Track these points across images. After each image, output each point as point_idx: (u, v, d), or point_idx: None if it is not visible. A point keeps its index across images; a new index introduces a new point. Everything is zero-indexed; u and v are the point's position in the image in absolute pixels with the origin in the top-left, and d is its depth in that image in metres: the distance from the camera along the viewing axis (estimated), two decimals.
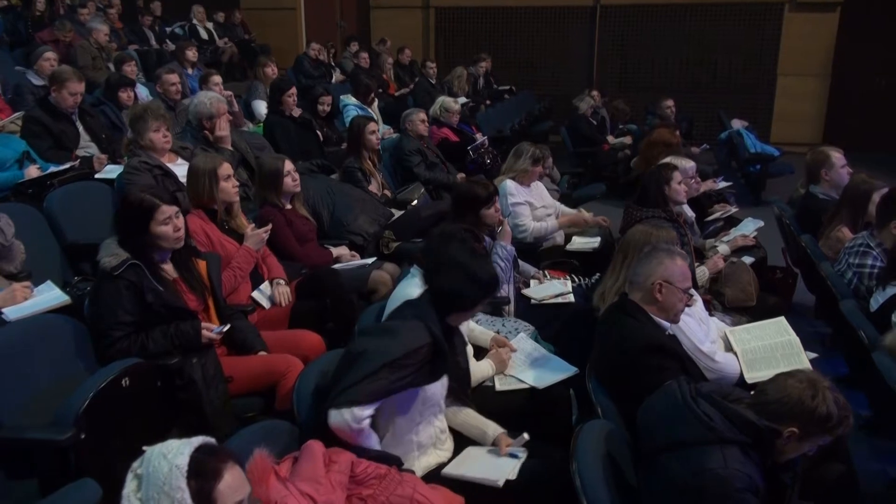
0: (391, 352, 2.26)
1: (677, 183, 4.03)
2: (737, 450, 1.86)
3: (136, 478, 1.55)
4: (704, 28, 10.77)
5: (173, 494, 1.48)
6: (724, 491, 1.82)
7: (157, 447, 1.58)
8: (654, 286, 2.57)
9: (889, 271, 3.10)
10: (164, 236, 2.78)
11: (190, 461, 1.51)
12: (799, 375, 1.94)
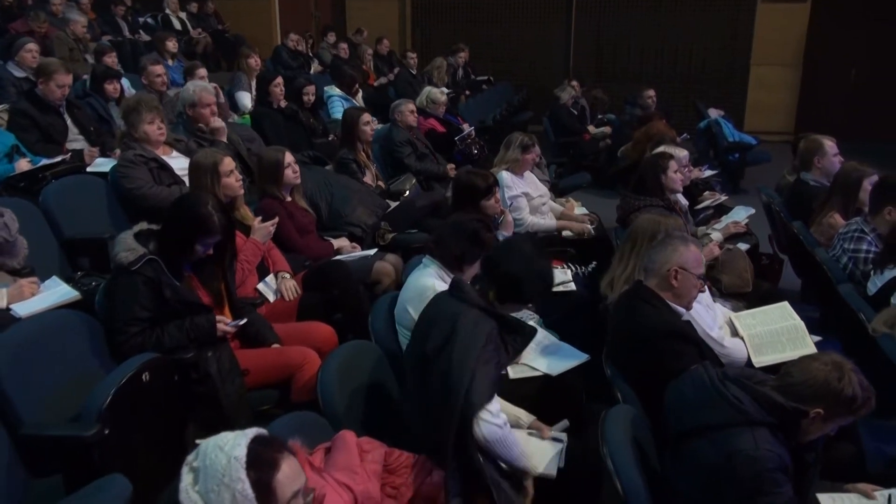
0: (472, 348, 2.28)
1: (673, 172, 4.10)
2: (766, 431, 1.92)
3: (192, 471, 1.55)
4: (679, 18, 10.88)
5: (233, 486, 1.49)
6: (755, 471, 1.88)
7: (211, 440, 1.58)
8: (669, 273, 2.62)
9: (886, 255, 3.19)
10: (197, 254, 2.79)
11: (248, 452, 1.52)
12: (824, 358, 2.01)
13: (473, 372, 2.24)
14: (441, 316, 2.42)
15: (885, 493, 2.21)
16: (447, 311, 2.40)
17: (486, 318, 2.37)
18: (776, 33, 10.56)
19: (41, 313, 2.71)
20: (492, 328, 2.36)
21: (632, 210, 4.08)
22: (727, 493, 1.91)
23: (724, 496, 1.91)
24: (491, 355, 2.32)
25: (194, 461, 1.56)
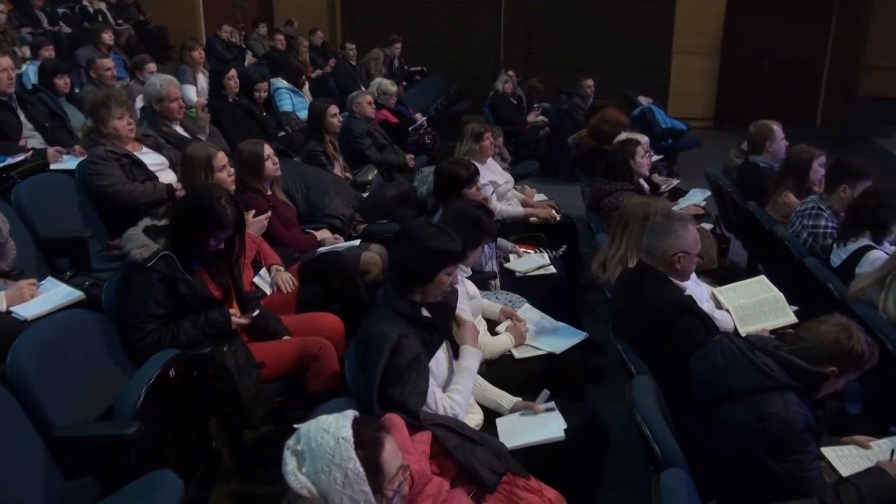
0: (377, 368, 2.31)
1: (641, 157, 4.32)
2: (793, 395, 2.10)
3: (296, 454, 1.60)
4: (604, 8, 11.23)
5: (345, 465, 1.55)
6: (787, 432, 2.06)
7: (310, 424, 1.63)
8: (674, 258, 2.78)
9: (848, 229, 3.48)
10: (210, 249, 2.78)
11: (354, 433, 1.58)
12: (831, 321, 2.20)
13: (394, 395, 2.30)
14: (366, 323, 2.51)
15: (880, 444, 2.44)
16: (369, 320, 2.49)
17: (391, 330, 2.36)
18: (695, 23, 11.07)
19: (53, 314, 2.65)
20: (393, 340, 2.33)
21: (603, 195, 4.26)
22: (759, 452, 2.07)
23: (756, 456, 2.08)
24: (406, 365, 2.34)
25: (297, 445, 1.61)
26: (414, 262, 2.45)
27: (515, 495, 2.31)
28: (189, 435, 2.67)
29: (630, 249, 3.23)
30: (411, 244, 2.48)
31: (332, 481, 1.55)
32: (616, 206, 4.12)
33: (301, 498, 1.56)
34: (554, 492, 2.35)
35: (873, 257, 3.30)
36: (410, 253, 2.46)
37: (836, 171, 3.84)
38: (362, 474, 1.55)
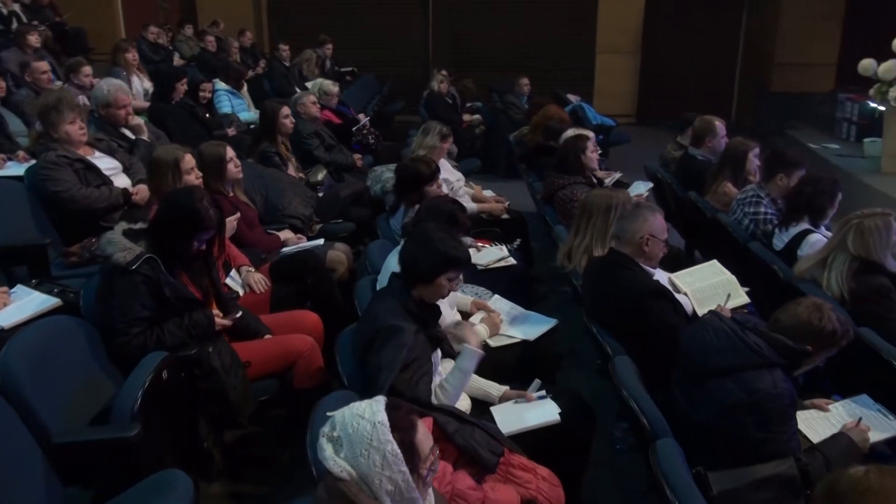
0: (397, 358, 2.39)
1: (591, 151, 4.50)
2: (780, 371, 2.28)
3: (332, 441, 1.66)
4: (529, 9, 11.50)
5: (383, 448, 1.61)
6: (776, 406, 2.23)
7: (344, 411, 1.69)
8: (641, 241, 2.95)
9: (789, 215, 3.74)
10: (192, 249, 2.77)
11: (388, 417, 1.65)
12: (805, 302, 2.40)
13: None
14: (368, 315, 2.59)
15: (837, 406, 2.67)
16: (375, 311, 2.55)
17: (406, 323, 2.46)
18: (616, 23, 11.47)
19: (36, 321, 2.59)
20: (411, 332, 2.44)
21: (557, 189, 4.43)
22: (747, 425, 2.23)
23: (743, 427, 2.23)
24: (417, 356, 2.45)
25: (332, 432, 1.67)
26: (420, 262, 2.54)
27: (511, 474, 2.41)
28: (181, 436, 2.67)
29: (595, 239, 3.39)
30: (421, 244, 2.56)
31: (371, 464, 1.61)
32: (571, 199, 4.31)
33: (341, 481, 1.62)
34: (546, 470, 2.47)
35: (813, 240, 3.57)
36: (418, 252, 2.55)
37: (772, 161, 4.11)
38: (400, 456, 1.62)
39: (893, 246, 3.06)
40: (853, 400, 2.73)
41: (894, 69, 6.39)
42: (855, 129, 8.25)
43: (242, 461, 3.08)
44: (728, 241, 4.11)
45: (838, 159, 7.50)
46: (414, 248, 2.57)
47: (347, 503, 1.61)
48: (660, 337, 2.76)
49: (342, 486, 1.62)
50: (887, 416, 2.63)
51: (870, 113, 7.81)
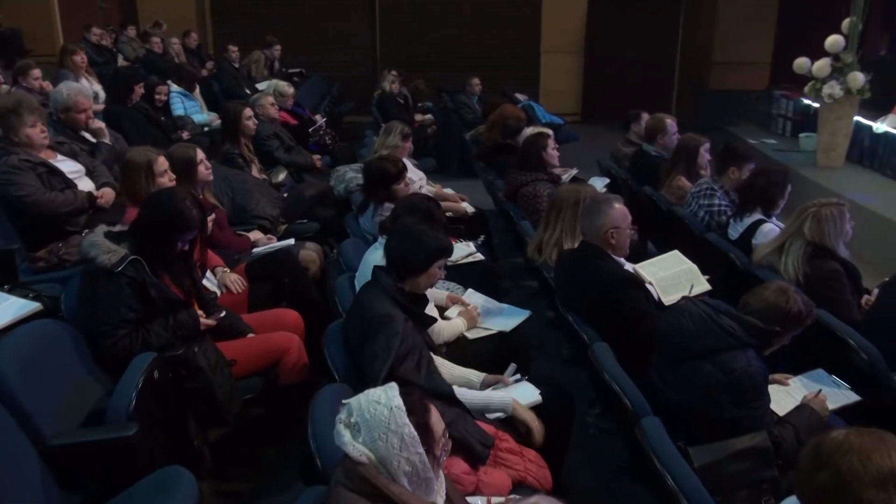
0: (391, 345, 2.45)
1: (552, 148, 4.64)
2: (753, 351, 2.42)
3: (349, 427, 1.72)
4: (476, 10, 11.64)
5: (401, 430, 1.69)
6: (751, 384, 2.38)
7: (359, 398, 1.76)
8: (607, 234, 3.09)
9: (742, 206, 3.95)
10: (176, 249, 2.79)
11: (403, 401, 1.73)
12: (772, 287, 2.56)
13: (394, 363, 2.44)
14: (360, 307, 2.64)
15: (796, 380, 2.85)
16: (365, 302, 2.61)
17: (396, 311, 2.53)
18: (560, 24, 11.71)
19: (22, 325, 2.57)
20: (401, 320, 2.52)
21: (520, 185, 4.55)
22: (724, 402, 2.37)
23: (721, 405, 2.37)
24: (411, 344, 2.53)
25: (349, 418, 1.73)
26: (411, 255, 2.61)
27: (501, 458, 2.51)
28: (171, 435, 2.68)
29: (564, 232, 3.52)
30: (409, 238, 2.63)
31: (389, 447, 1.69)
32: (534, 195, 4.44)
33: (360, 465, 1.69)
34: (533, 452, 2.58)
35: (766, 229, 3.78)
36: (408, 246, 2.62)
37: (725, 155, 4.33)
38: (416, 437, 1.70)
39: (845, 234, 3.27)
40: (809, 374, 2.92)
41: (827, 67, 6.73)
42: (790, 125, 8.63)
43: (227, 460, 3.10)
44: (685, 232, 4.30)
45: (776, 154, 7.84)
46: (404, 242, 2.64)
47: (367, 485, 1.68)
48: (633, 323, 2.90)
49: (361, 470, 1.69)
50: (841, 388, 2.83)
51: (804, 109, 8.20)
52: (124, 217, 3.26)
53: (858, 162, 7.13)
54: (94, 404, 2.58)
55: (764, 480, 2.33)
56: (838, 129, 6.94)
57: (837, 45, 6.66)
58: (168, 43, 9.35)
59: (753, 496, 2.32)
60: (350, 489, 1.69)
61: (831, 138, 6.99)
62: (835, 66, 6.71)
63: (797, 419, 2.51)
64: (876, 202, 5.92)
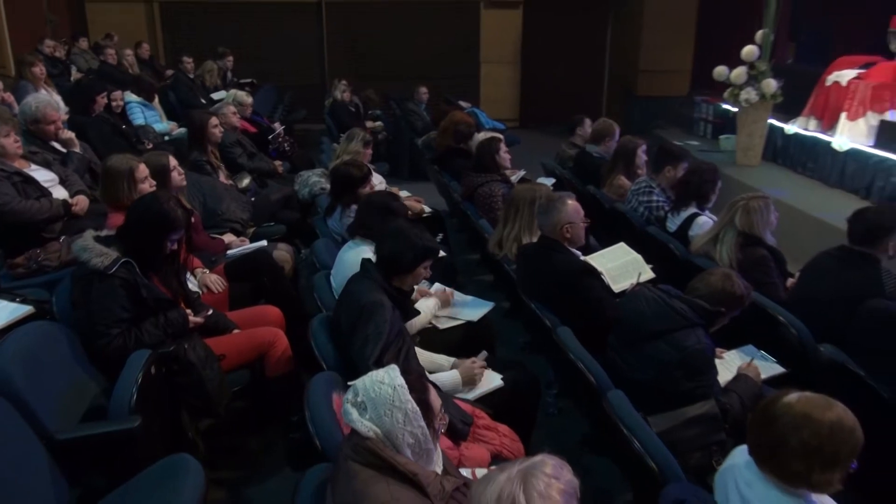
0: (382, 330, 2.56)
1: (503, 152, 4.77)
2: (701, 330, 2.58)
3: (356, 406, 1.80)
4: (420, 23, 11.73)
5: (404, 406, 1.78)
6: (701, 359, 2.54)
7: (364, 379, 1.84)
8: (562, 229, 3.23)
9: (679, 201, 4.15)
10: (165, 250, 2.79)
11: (405, 380, 1.81)
12: (717, 272, 2.73)
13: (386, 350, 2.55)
14: (350, 297, 2.71)
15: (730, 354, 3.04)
16: (356, 293, 2.68)
17: (385, 299, 2.63)
18: (497, 36, 11.91)
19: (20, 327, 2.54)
20: (389, 308, 2.62)
21: (476, 186, 4.67)
22: (678, 378, 2.52)
23: (675, 380, 2.53)
24: (399, 329, 2.65)
25: (356, 398, 1.81)
26: (402, 255, 2.70)
27: (479, 434, 2.62)
28: (167, 427, 2.70)
29: (522, 228, 3.65)
30: (400, 240, 2.71)
31: (394, 422, 1.77)
32: (490, 195, 4.57)
33: (367, 440, 1.77)
34: (506, 427, 2.70)
35: (701, 222, 3.99)
36: (398, 247, 2.70)
37: (661, 155, 4.54)
38: (418, 412, 1.79)
39: (771, 224, 3.49)
40: (741, 349, 3.12)
41: (744, 75, 7.07)
42: (711, 128, 8.99)
43: (215, 449, 3.12)
44: (627, 226, 4.49)
45: (700, 154, 8.15)
46: (394, 244, 2.72)
47: (375, 458, 1.76)
48: (591, 309, 3.05)
49: (369, 444, 1.77)
50: (768, 361, 3.03)
51: (723, 113, 8.56)
52: (108, 222, 3.26)
53: (773, 160, 7.51)
54: (91, 401, 2.58)
55: (714, 443, 2.49)
56: (754, 130, 7.30)
57: (752, 55, 7.01)
58: (122, 54, 9.14)
59: (705, 457, 2.48)
60: (359, 462, 1.77)
61: (748, 139, 7.34)
62: (750, 73, 7.06)
63: (739, 387, 2.68)
64: (789, 196, 6.26)
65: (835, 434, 1.64)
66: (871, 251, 3.11)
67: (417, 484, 1.75)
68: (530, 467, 1.37)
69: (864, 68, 6.64)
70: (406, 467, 1.75)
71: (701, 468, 2.43)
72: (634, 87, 11.22)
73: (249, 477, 3.08)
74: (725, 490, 1.87)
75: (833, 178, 6.49)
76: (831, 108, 6.77)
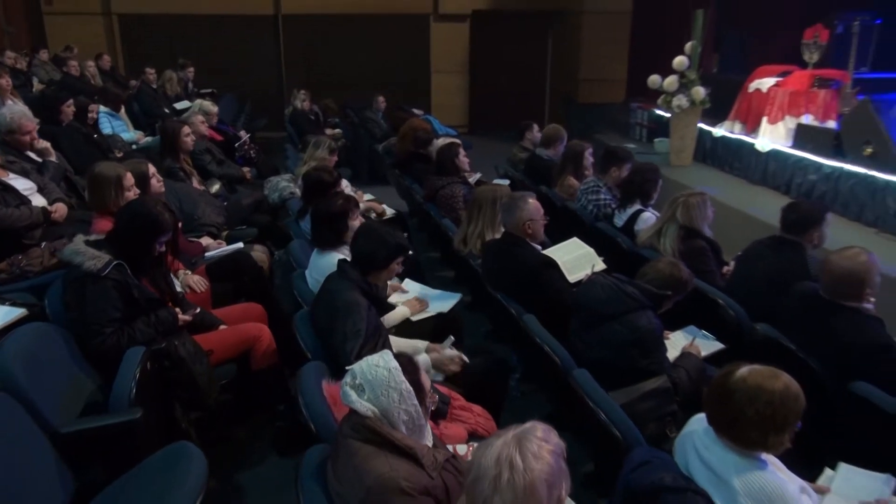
0: (360, 327, 2.64)
1: (462, 156, 4.88)
2: (651, 312, 2.73)
3: (355, 388, 1.88)
4: (372, 35, 11.75)
5: (400, 387, 1.86)
6: (652, 338, 2.69)
7: (360, 364, 1.92)
8: (524, 226, 3.36)
9: (624, 199, 4.33)
10: (155, 252, 2.80)
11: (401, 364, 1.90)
12: (664, 260, 2.89)
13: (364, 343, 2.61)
14: (327, 295, 2.78)
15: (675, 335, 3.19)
16: (332, 292, 2.75)
17: (361, 298, 2.70)
18: (447, 48, 12.03)
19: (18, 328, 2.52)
20: (365, 306, 2.70)
21: (438, 188, 4.77)
22: (633, 355, 2.67)
23: (630, 358, 2.67)
24: (376, 324, 2.73)
25: (354, 381, 1.89)
26: (376, 253, 2.78)
27: (455, 415, 2.71)
28: (161, 419, 2.71)
29: (485, 226, 3.76)
30: (375, 239, 2.79)
31: (390, 401, 1.85)
32: (452, 196, 4.67)
33: (366, 419, 1.85)
34: (479, 407, 2.79)
35: (645, 217, 4.17)
36: (373, 246, 2.78)
37: (607, 157, 4.71)
38: (412, 392, 1.88)
39: (708, 217, 3.68)
40: (684, 329, 3.28)
41: (675, 83, 7.34)
42: (646, 132, 9.27)
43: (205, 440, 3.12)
44: (578, 223, 4.64)
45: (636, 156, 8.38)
46: (370, 243, 2.80)
47: (373, 434, 1.84)
48: (553, 298, 3.17)
49: (368, 422, 1.85)
50: (710, 339, 3.20)
51: (657, 118, 8.85)
52: (94, 227, 3.24)
53: (703, 161, 7.80)
54: (88, 397, 2.59)
55: (667, 414, 2.64)
56: (686, 134, 7.58)
57: (683, 65, 7.28)
58: (84, 66, 8.92)
59: (659, 427, 2.63)
60: (359, 440, 1.85)
61: (681, 142, 7.62)
62: (681, 81, 7.33)
63: (685, 363, 2.84)
64: (719, 193, 6.52)
65: (784, 401, 1.78)
66: (799, 240, 3.32)
67: (413, 456, 1.83)
68: (524, 432, 1.47)
69: (781, 76, 6.98)
70: (402, 441, 1.84)
71: (656, 437, 2.57)
72: (576, 95, 11.47)
73: (239, 464, 3.11)
74: (685, 453, 2.00)
75: (756, 176, 6.80)
76: (754, 112, 7.10)
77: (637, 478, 1.94)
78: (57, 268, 3.36)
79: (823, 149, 5.95)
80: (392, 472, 1.77)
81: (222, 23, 11.40)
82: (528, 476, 1.40)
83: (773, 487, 1.79)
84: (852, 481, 2.18)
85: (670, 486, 1.85)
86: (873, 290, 2.72)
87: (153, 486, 2.05)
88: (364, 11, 11.61)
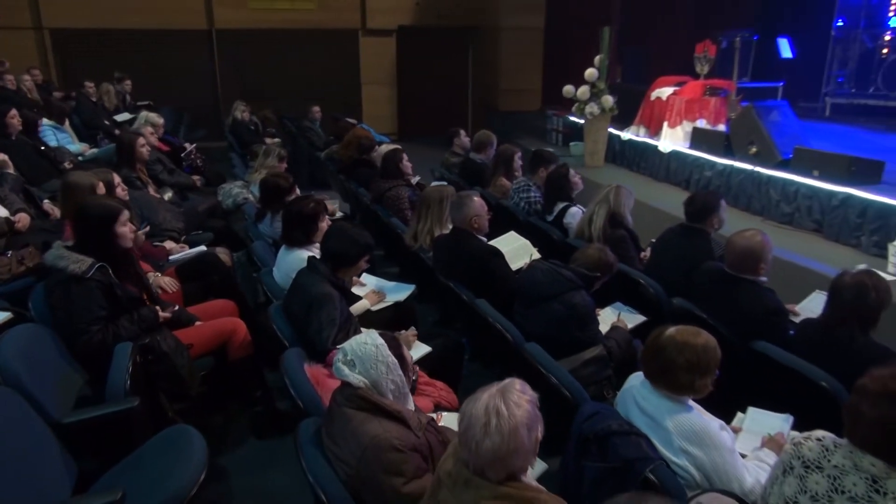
0: (334, 316, 2.77)
1: (405, 161, 5.03)
2: (584, 291, 2.97)
3: (347, 363, 2.01)
4: (306, 49, 11.70)
5: (386, 360, 2.01)
6: (586, 312, 2.93)
7: (350, 342, 2.06)
8: (471, 221, 3.55)
9: (552, 197, 4.58)
10: (123, 236, 2.80)
11: (385, 341, 2.04)
12: (593, 247, 3.14)
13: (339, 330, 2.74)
14: (301, 289, 2.89)
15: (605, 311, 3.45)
16: (305, 285, 2.86)
17: (332, 290, 2.83)
18: (375, 61, 12.11)
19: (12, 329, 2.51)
20: (337, 297, 2.83)
21: (384, 191, 4.89)
22: (572, 329, 2.90)
23: (569, 331, 2.91)
24: (347, 314, 2.87)
25: (346, 357, 2.02)
26: (347, 251, 2.92)
27: (421, 389, 2.87)
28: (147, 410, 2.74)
29: (434, 223, 3.93)
30: (345, 239, 2.90)
31: (379, 373, 2.00)
32: (398, 197, 4.81)
33: (358, 389, 1.99)
34: (441, 383, 2.96)
35: (573, 211, 4.45)
36: (345, 245, 2.91)
37: (535, 159, 4.97)
38: (397, 364, 2.03)
39: (630, 205, 3.98)
40: (612, 306, 3.56)
41: (587, 92, 7.73)
42: (561, 137, 9.67)
43: None
44: (512, 219, 4.88)
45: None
46: (341, 243, 2.92)
47: (365, 402, 1.98)
48: (500, 283, 3.38)
49: (360, 392, 1.99)
50: (634, 312, 3.49)
51: (571, 124, 9.25)
52: (66, 234, 3.21)
53: (613, 162, 8.24)
54: (78, 390, 2.60)
55: (604, 378, 2.90)
56: (598, 138, 7.99)
57: (593, 76, 7.67)
58: (21, 80, 8.50)
59: (598, 390, 2.88)
60: (352, 408, 1.99)
61: (594, 145, 8.03)
62: (592, 91, 7.72)
63: (615, 335, 3.11)
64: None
65: (707, 351, 2.05)
66: (703, 226, 3.65)
67: (402, 419, 1.99)
68: (506, 385, 1.65)
69: (678, 86, 7.48)
70: (391, 406, 1.99)
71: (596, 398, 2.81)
72: (496, 104, 11.79)
73: (220, 447, 3.16)
74: (626, 405, 2.24)
75: (660, 174, 7.26)
76: (656, 118, 7.57)
77: (588, 426, 2.17)
78: (26, 274, 3.31)
79: (716, 149, 6.45)
80: (385, 432, 1.92)
81: (158, 38, 11.08)
82: (511, 421, 1.58)
83: (699, 426, 2.05)
84: (759, 421, 2.49)
85: (617, 431, 2.09)
86: (768, 265, 3.05)
87: (163, 462, 2.12)
88: (296, 27, 11.55)
